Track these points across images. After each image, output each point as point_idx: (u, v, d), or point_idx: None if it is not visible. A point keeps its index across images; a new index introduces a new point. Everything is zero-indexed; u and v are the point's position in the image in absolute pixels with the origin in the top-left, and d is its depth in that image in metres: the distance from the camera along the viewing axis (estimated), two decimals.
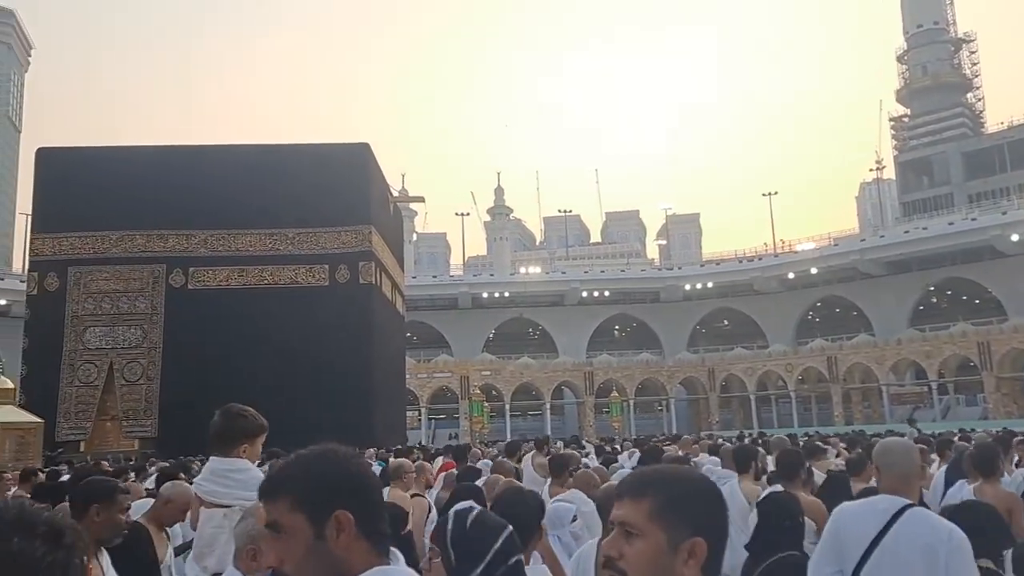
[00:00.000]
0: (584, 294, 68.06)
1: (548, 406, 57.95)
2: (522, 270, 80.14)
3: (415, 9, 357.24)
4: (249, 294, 26.89)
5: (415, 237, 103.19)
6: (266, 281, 27.35)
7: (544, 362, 61.73)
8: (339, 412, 23.33)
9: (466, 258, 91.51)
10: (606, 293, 68.40)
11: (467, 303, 66.89)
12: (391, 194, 37.28)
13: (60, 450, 22.17)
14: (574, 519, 4.53)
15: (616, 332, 72.90)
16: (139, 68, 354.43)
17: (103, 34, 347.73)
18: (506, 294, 67.35)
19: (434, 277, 72.23)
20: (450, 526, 2.35)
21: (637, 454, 10.53)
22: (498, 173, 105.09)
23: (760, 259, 68.05)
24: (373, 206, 28.84)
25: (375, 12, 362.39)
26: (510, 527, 2.40)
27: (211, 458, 3.51)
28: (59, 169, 27.46)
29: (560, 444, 17.29)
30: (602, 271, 73.01)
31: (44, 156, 28.41)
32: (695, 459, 8.67)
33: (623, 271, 74.38)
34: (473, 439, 37.01)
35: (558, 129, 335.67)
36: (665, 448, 10.11)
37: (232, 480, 3.37)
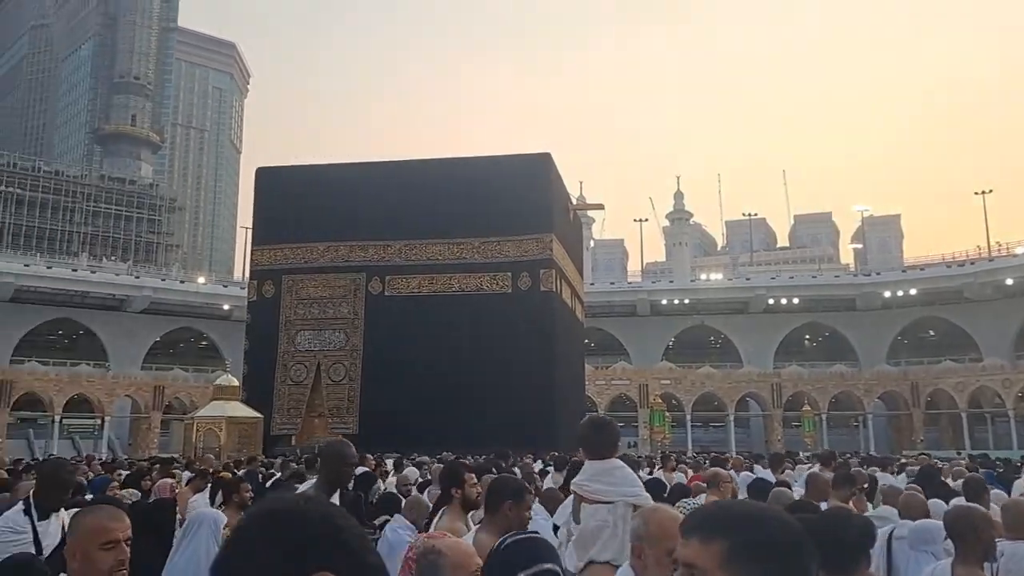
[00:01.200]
0: (771, 301, 65.18)
1: (732, 418, 56.03)
2: (703, 276, 78.07)
3: (591, 20, 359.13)
4: (438, 301, 28.30)
5: (592, 244, 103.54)
6: (454, 288, 28.64)
7: (727, 372, 59.75)
8: (522, 416, 24.01)
9: (644, 264, 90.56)
10: (795, 300, 65.09)
11: (646, 310, 66.17)
12: (571, 202, 37.77)
13: (278, 447, 24.28)
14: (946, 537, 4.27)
15: (806, 342, 69.14)
16: (345, 89, 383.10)
17: (311, 59, 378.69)
18: (686, 301, 65.92)
19: (612, 284, 72.07)
20: None
21: (811, 468, 10.08)
22: (677, 177, 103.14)
23: (972, 263, 61.91)
24: (554, 214, 29.38)
25: (553, 24, 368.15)
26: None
27: (588, 462, 3.85)
28: (274, 186, 30.39)
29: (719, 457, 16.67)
30: (791, 277, 69.55)
31: (262, 174, 31.49)
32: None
33: (814, 276, 70.41)
34: (654, 449, 36.57)
35: (741, 130, 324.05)
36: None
37: (614, 478, 3.70)
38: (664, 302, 66.38)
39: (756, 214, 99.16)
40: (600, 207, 47.16)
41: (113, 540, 2.32)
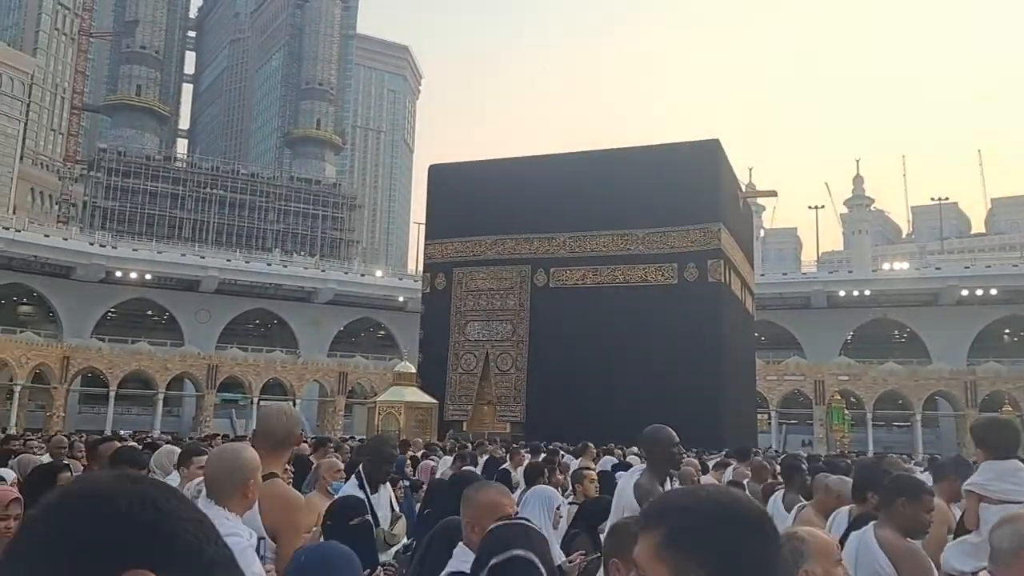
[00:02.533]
0: (964, 292, 59.80)
1: (919, 418, 52.06)
2: (885, 266, 72.85)
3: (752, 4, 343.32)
4: (603, 292, 28.44)
5: (763, 233, 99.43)
6: (618, 280, 28.65)
7: (913, 368, 55.51)
8: (686, 410, 23.61)
9: (820, 254, 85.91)
10: (993, 291, 59.31)
11: (821, 302, 62.75)
12: (741, 190, 36.58)
13: (450, 432, 25.45)
14: None
15: (1007, 336, 62.86)
16: (511, 84, 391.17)
17: (478, 58, 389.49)
18: (867, 292, 61.82)
19: (785, 275, 68.94)
20: None
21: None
22: (857, 160, 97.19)
23: None
24: (722, 203, 28.64)
25: (717, 10, 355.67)
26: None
27: (988, 462, 3.86)
28: (445, 182, 31.73)
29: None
30: (988, 266, 63.44)
31: (434, 172, 32.98)
32: None
33: (1016, 266, 63.84)
34: (831, 448, 34.78)
35: (929, 108, 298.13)
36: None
37: (1020, 478, 3.75)
38: (842, 294, 62.65)
39: (946, 198, 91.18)
40: (772, 194, 45.20)
41: (506, 515, 2.62)
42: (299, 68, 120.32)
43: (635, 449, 12.49)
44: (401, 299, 61.49)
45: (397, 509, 4.78)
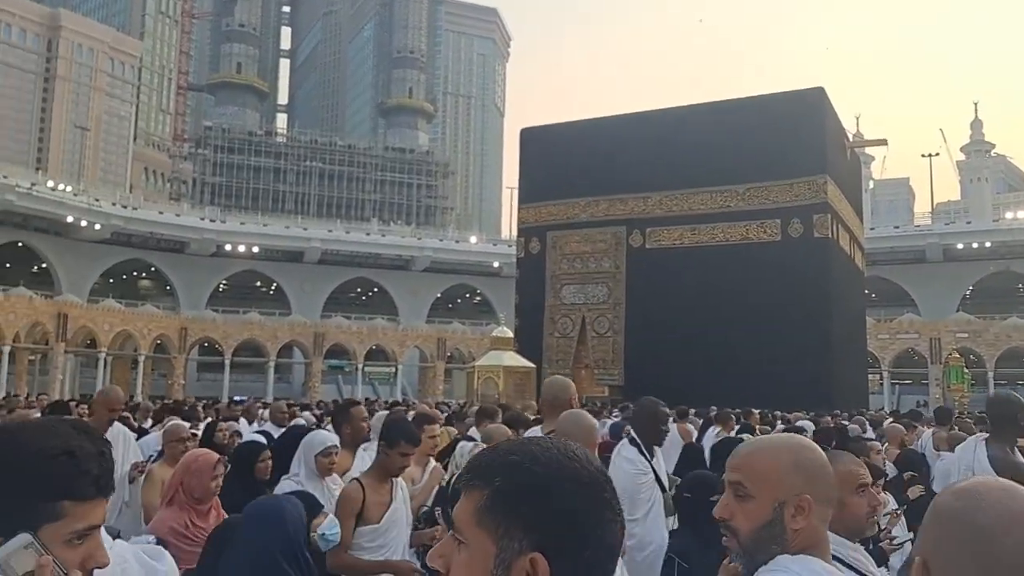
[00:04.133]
0: None
1: None
2: (1008, 215, 68.00)
3: None
4: (701, 252, 27.59)
5: (871, 185, 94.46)
6: (717, 239, 27.73)
7: None
8: (794, 371, 22.82)
9: (934, 205, 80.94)
10: None
11: (937, 255, 59.22)
12: (847, 140, 34.67)
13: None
14: None
15: None
16: (600, 43, 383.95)
17: (567, 14, 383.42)
18: (987, 244, 57.89)
19: (896, 228, 65.40)
20: None
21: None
22: (975, 104, 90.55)
23: None
24: (828, 154, 27.17)
25: None
26: None
27: None
28: (537, 145, 31.36)
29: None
30: None
31: (526, 135, 32.64)
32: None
33: None
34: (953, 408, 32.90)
35: None
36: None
37: None
38: (960, 246, 58.95)
39: None
40: (881, 143, 42.57)
41: (864, 484, 2.39)
42: (390, 37, 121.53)
43: (797, 417, 12.05)
44: (496, 264, 61.83)
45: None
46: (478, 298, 67.70)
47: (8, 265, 51.82)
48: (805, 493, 1.47)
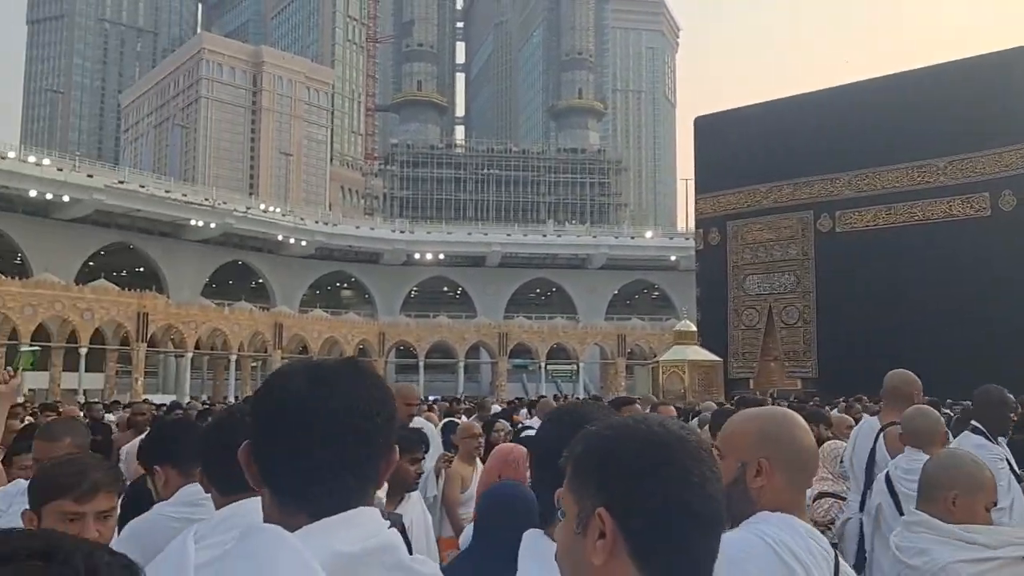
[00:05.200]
0: None
1: None
2: None
3: None
4: (898, 233, 25.84)
5: None
6: (916, 217, 25.88)
7: None
8: (1010, 359, 20.84)
9: None
10: None
11: None
12: None
13: (736, 391, 24.94)
14: None
15: None
16: (773, 21, 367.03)
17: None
18: None
19: None
20: None
21: None
22: None
23: None
24: None
25: None
26: None
27: None
28: (713, 133, 30.72)
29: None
30: None
31: (700, 123, 32.08)
32: None
33: None
34: None
35: None
36: None
37: None
38: None
39: None
40: None
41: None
42: (558, 40, 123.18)
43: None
44: (673, 258, 60.98)
45: None
46: (656, 293, 67.04)
47: (231, 282, 58.11)
48: (763, 457, 1.69)
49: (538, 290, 68.93)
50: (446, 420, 8.38)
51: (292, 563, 0.95)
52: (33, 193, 43.30)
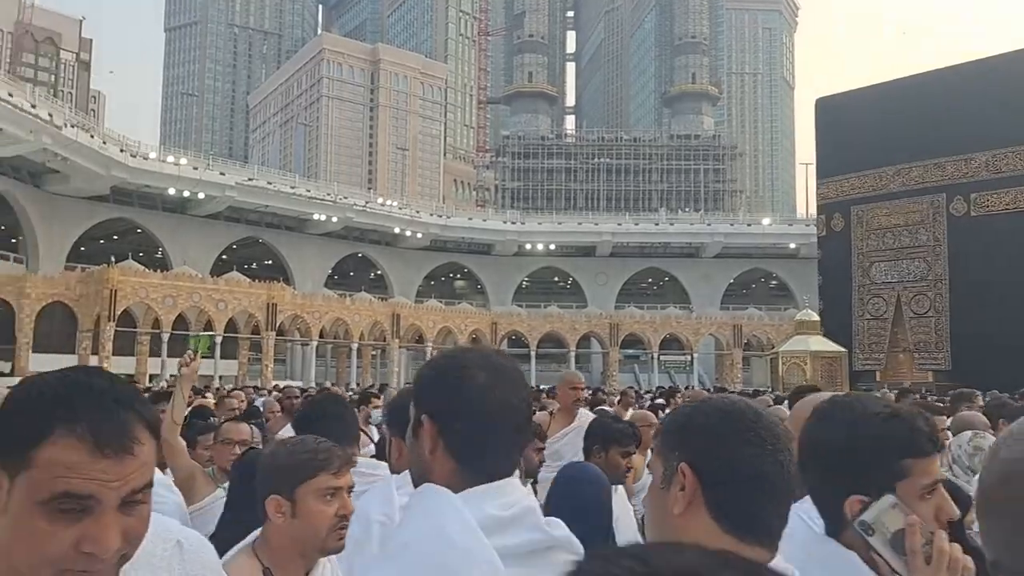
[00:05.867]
0: None
1: None
2: None
3: None
4: None
5: None
6: None
7: None
8: None
9: None
10: None
11: None
12: None
13: (861, 383, 23.98)
14: None
15: None
16: None
17: None
18: None
19: None
20: None
21: None
22: None
23: None
24: None
25: None
26: None
27: None
28: (836, 115, 29.47)
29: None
30: None
31: (822, 105, 30.83)
32: None
33: None
34: None
35: None
36: None
37: None
38: None
39: None
40: None
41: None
42: (671, 25, 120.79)
43: None
44: (792, 246, 58.82)
45: None
46: (774, 282, 64.89)
47: (352, 273, 60.48)
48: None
49: (650, 279, 68.09)
50: (598, 409, 8.39)
51: (455, 519, 1.16)
52: (172, 191, 46.55)
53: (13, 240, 44.23)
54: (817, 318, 25.51)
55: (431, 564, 0.78)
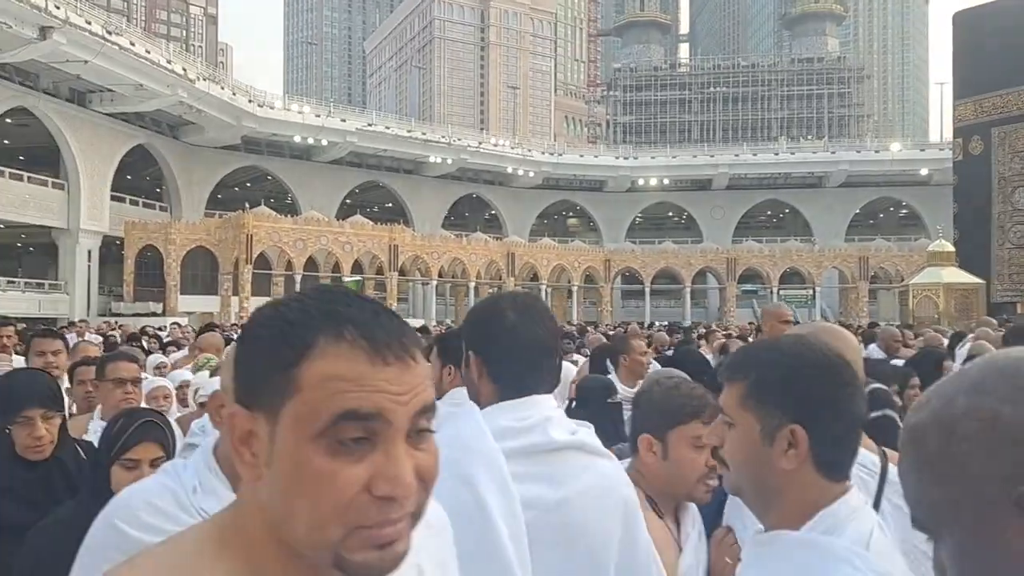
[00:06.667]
0: None
1: None
2: None
3: None
4: None
5: None
6: None
7: None
8: None
9: None
10: None
11: None
12: None
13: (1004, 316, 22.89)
14: None
15: None
16: None
17: None
18: None
19: None
20: None
21: None
22: None
23: None
24: None
25: None
26: None
27: None
28: (975, 29, 27.40)
29: None
30: None
31: (960, 19, 28.71)
32: None
33: None
34: None
35: None
36: None
37: None
38: None
39: None
40: None
41: None
42: None
43: None
44: (924, 172, 55.47)
45: None
46: (903, 211, 61.61)
47: (467, 214, 61.75)
48: None
49: (769, 212, 66.00)
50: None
51: (471, 426, 1.50)
52: (297, 139, 48.68)
53: (157, 190, 47.70)
54: (951, 248, 24.34)
55: (446, 459, 0.77)
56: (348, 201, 54.22)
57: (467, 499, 1.40)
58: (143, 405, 3.32)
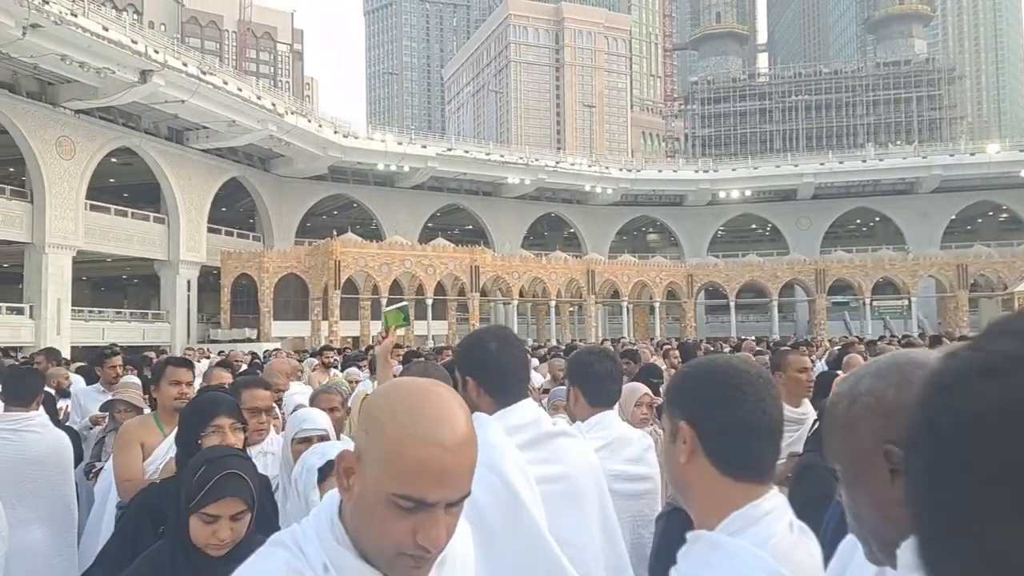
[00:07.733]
0: None
1: None
2: None
3: None
4: None
5: None
6: None
7: None
8: None
9: None
10: None
11: None
12: None
13: None
14: None
15: None
16: None
17: None
18: None
19: None
20: None
21: None
22: None
23: None
24: None
25: None
26: None
27: None
28: None
29: None
30: None
31: None
32: None
33: None
34: None
35: None
36: None
37: None
38: None
39: None
40: None
41: None
42: None
43: None
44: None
45: None
46: (1004, 215, 58.64)
47: (546, 233, 62.16)
48: None
49: (858, 221, 63.89)
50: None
51: (490, 429, 1.96)
52: (380, 166, 50.19)
53: (250, 220, 49.93)
54: None
55: (480, 459, 1.14)
56: (430, 224, 55.40)
57: (498, 484, 1.87)
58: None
